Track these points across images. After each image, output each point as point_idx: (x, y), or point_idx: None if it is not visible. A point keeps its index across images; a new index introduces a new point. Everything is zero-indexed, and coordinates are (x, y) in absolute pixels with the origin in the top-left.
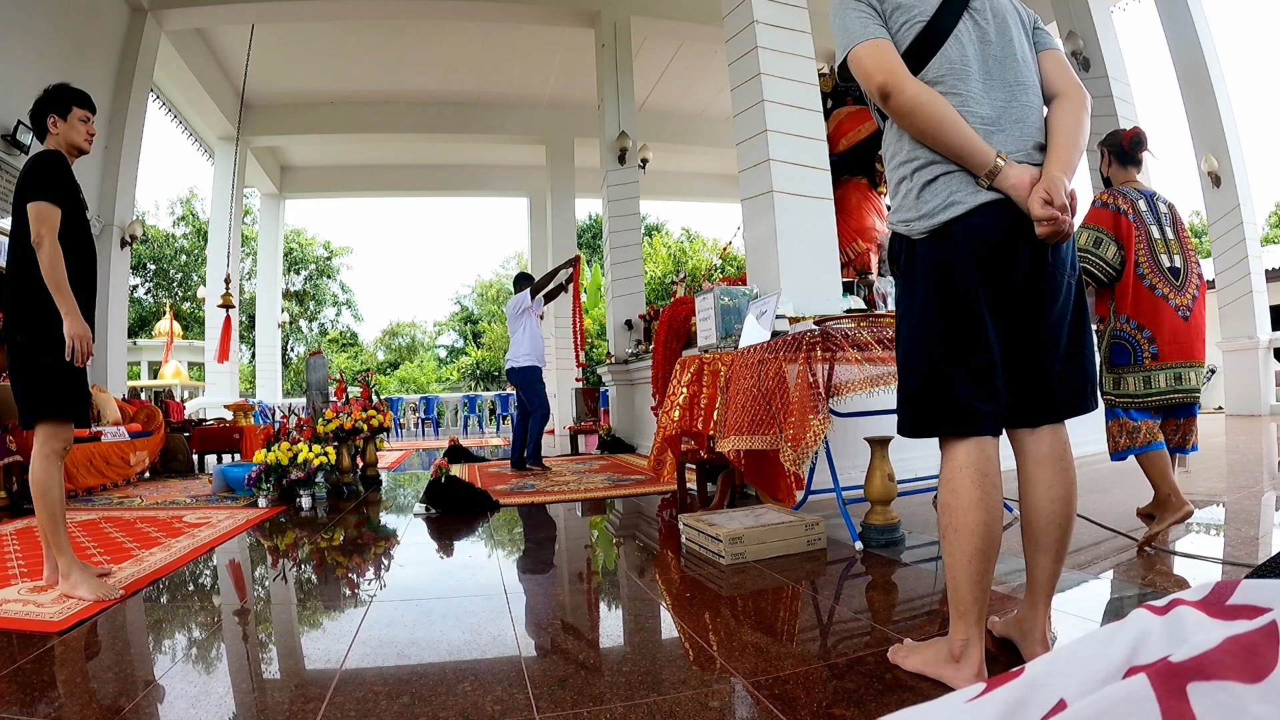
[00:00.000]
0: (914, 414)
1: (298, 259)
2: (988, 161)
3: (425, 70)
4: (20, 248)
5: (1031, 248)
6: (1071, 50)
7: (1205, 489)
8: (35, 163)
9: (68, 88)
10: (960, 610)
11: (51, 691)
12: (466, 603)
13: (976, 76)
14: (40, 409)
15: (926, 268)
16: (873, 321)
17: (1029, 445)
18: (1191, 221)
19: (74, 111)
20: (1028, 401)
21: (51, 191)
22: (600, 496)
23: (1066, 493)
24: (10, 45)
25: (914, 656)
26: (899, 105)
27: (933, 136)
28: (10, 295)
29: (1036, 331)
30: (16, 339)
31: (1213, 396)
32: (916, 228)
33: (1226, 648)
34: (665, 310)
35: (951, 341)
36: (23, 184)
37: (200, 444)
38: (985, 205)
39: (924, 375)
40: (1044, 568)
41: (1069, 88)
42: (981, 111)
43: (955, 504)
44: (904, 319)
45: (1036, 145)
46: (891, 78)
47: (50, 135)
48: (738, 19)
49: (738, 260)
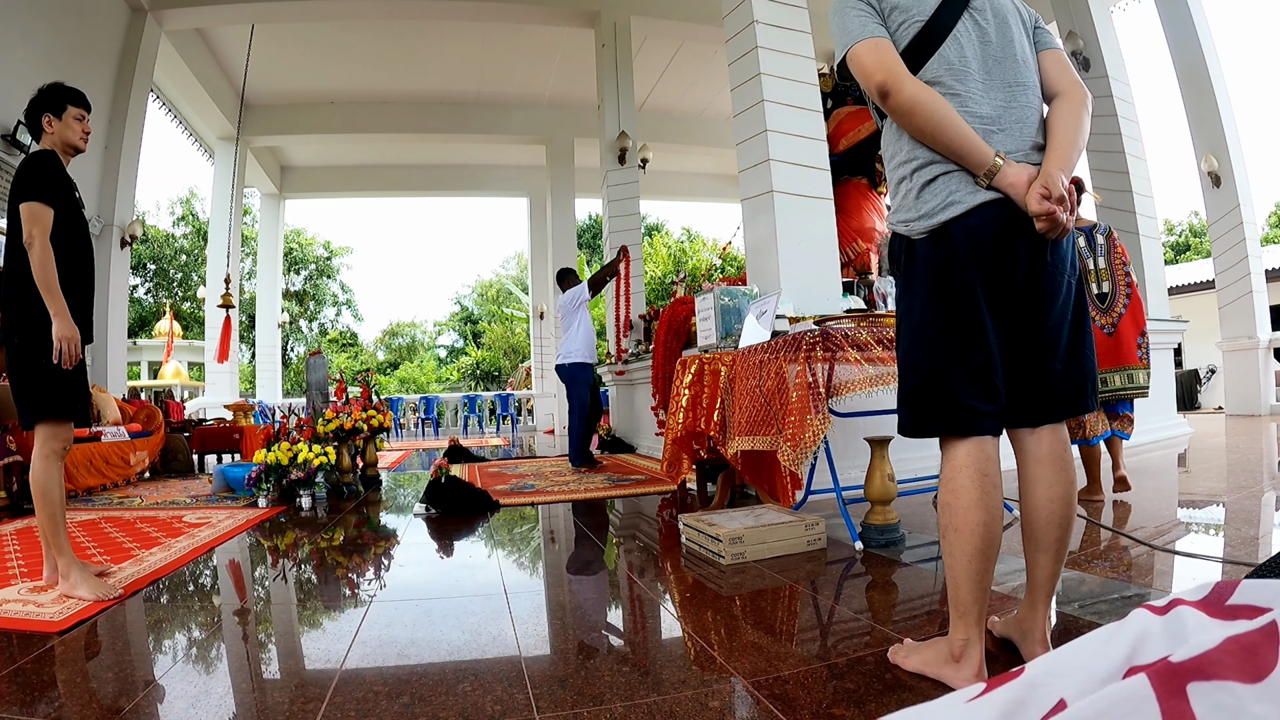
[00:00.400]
0: (914, 414)
1: (298, 259)
2: (986, 160)
3: (425, 70)
4: (16, 249)
5: (1031, 247)
6: (1071, 50)
7: (1205, 489)
8: (29, 163)
9: (62, 86)
10: (960, 610)
11: (51, 691)
12: (466, 603)
13: (976, 76)
14: (39, 410)
15: (926, 268)
16: (873, 321)
17: (1029, 445)
18: (1191, 222)
19: (69, 110)
20: (1028, 401)
21: (44, 192)
22: (600, 496)
23: (1067, 492)
24: (10, 45)
25: (914, 657)
26: (897, 104)
27: (931, 135)
28: (7, 296)
29: (1036, 331)
30: (14, 340)
31: (1213, 396)
32: (916, 228)
33: (1226, 648)
34: (665, 310)
35: (951, 341)
36: (16, 184)
37: (200, 444)
38: (984, 205)
39: (924, 375)
40: (1044, 567)
41: (1069, 86)
42: (981, 111)
43: (955, 504)
44: (904, 319)
45: (1035, 145)
46: (890, 76)
47: (46, 134)
48: (738, 19)
49: (738, 260)
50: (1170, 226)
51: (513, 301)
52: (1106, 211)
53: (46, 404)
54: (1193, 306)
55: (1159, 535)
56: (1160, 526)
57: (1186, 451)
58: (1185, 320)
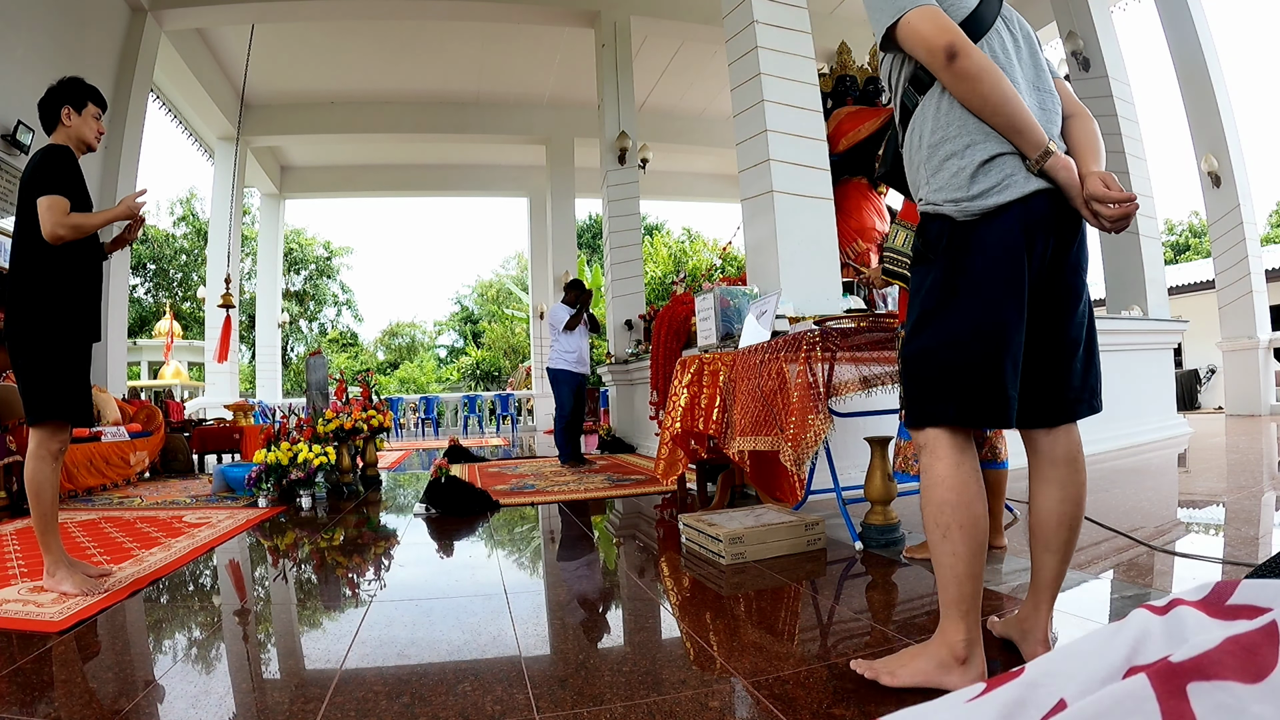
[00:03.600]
0: (960, 403)
1: (298, 259)
2: (1043, 142)
3: (425, 70)
4: (25, 244)
5: (1066, 243)
6: (1071, 50)
7: (1205, 489)
8: (44, 156)
9: (84, 82)
10: (963, 609)
11: (51, 691)
12: (466, 603)
13: (1017, 73)
14: (41, 410)
15: (983, 249)
16: (873, 321)
17: (1044, 445)
18: (1191, 222)
19: (89, 107)
20: (1047, 400)
21: (61, 185)
22: (600, 496)
23: (1078, 493)
24: (10, 45)
25: (902, 671)
26: (965, 68)
27: (995, 106)
28: (12, 293)
29: (1062, 329)
30: (18, 338)
31: (1213, 396)
32: (970, 208)
33: (1226, 648)
34: (664, 310)
35: (1003, 329)
36: (31, 177)
37: (200, 444)
38: (1038, 193)
39: (972, 363)
40: (1050, 568)
41: (1081, 110)
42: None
43: (959, 500)
44: (947, 303)
45: (1063, 150)
46: (960, 38)
47: (61, 128)
48: (738, 19)
49: (738, 260)
50: (1170, 226)
51: (513, 301)
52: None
53: (49, 405)
54: (1193, 306)
55: (1159, 535)
56: (1160, 526)
57: (1186, 452)
58: (1185, 320)
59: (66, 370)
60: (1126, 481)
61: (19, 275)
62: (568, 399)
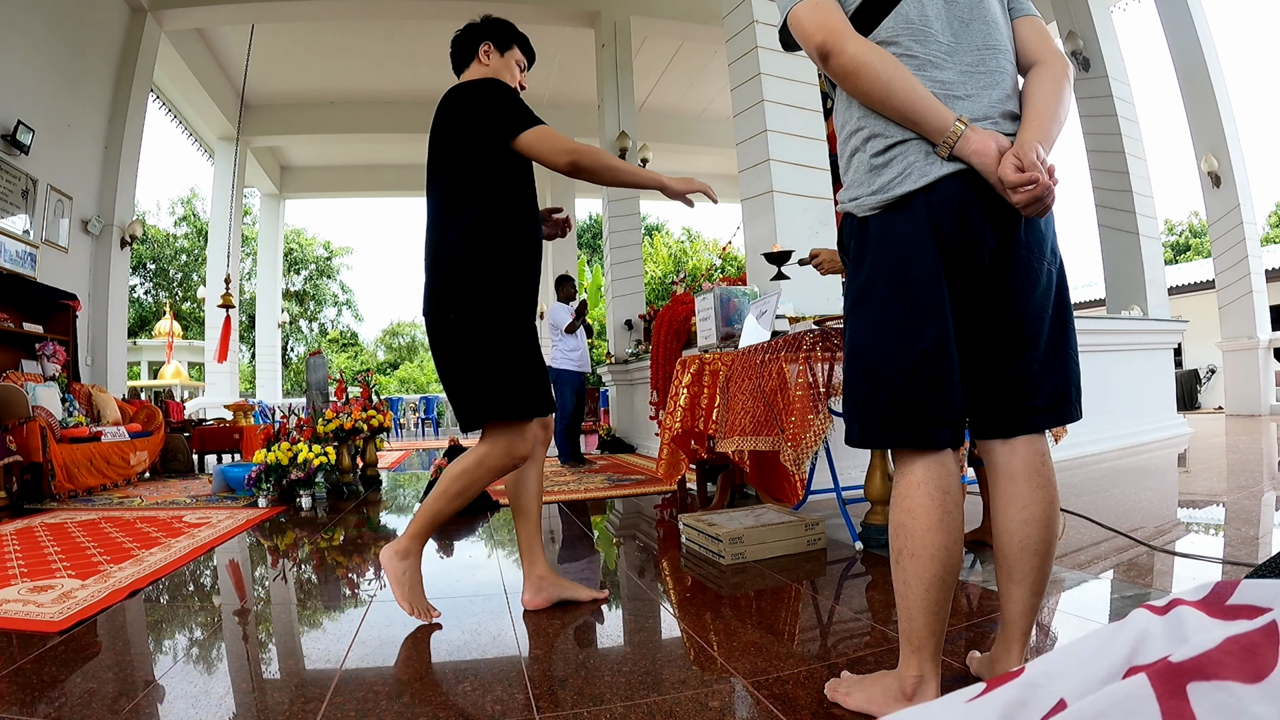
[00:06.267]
0: (865, 422)
1: (298, 259)
2: (945, 126)
3: (425, 70)
4: (456, 203)
5: (1001, 227)
6: (1071, 50)
7: (1205, 489)
8: (490, 89)
9: (515, 28)
10: (914, 643)
11: (51, 691)
12: (466, 603)
13: (939, 37)
14: (493, 408)
15: (880, 248)
16: None
17: (1000, 458)
18: (1191, 222)
19: (513, 50)
20: (1000, 407)
21: (532, 115)
22: (600, 496)
23: (1045, 514)
24: (10, 45)
25: (857, 694)
26: (840, 66)
27: (880, 100)
28: (445, 264)
29: (1008, 325)
30: (450, 317)
31: (1213, 396)
32: (867, 203)
33: (1226, 648)
34: (665, 310)
35: (910, 336)
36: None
37: (200, 444)
38: (947, 178)
39: (877, 377)
40: (1018, 601)
41: (1048, 55)
42: (943, 76)
43: (913, 525)
44: (853, 312)
45: (1007, 114)
46: (831, 36)
47: (477, 64)
48: (737, 19)
49: (738, 260)
50: (1170, 226)
51: None
52: (1106, 211)
53: (503, 399)
54: (1193, 306)
55: (1159, 535)
56: (1160, 526)
57: (1186, 452)
58: (1185, 320)
59: (521, 352)
60: (1126, 481)
61: (449, 240)
62: (570, 399)
